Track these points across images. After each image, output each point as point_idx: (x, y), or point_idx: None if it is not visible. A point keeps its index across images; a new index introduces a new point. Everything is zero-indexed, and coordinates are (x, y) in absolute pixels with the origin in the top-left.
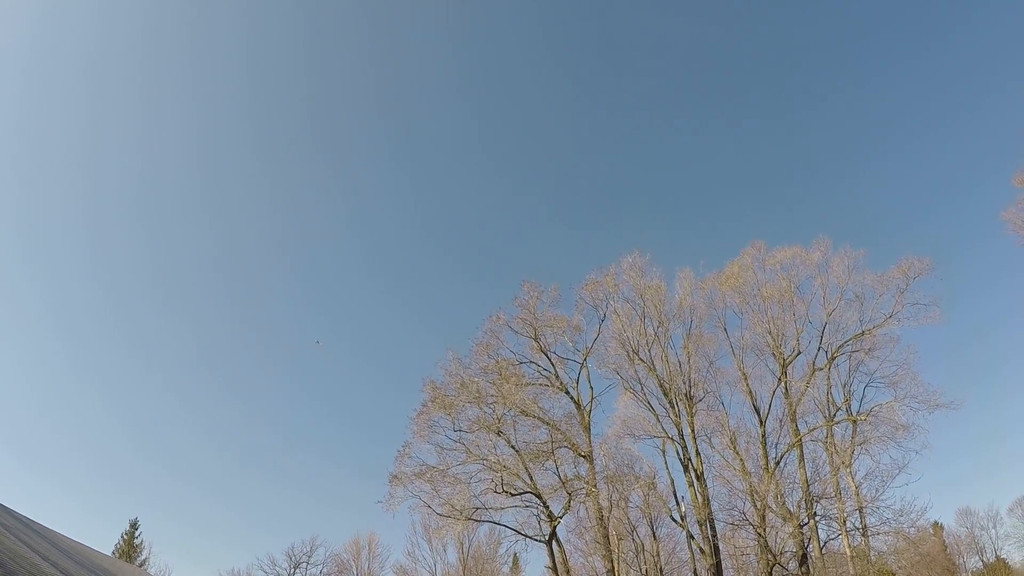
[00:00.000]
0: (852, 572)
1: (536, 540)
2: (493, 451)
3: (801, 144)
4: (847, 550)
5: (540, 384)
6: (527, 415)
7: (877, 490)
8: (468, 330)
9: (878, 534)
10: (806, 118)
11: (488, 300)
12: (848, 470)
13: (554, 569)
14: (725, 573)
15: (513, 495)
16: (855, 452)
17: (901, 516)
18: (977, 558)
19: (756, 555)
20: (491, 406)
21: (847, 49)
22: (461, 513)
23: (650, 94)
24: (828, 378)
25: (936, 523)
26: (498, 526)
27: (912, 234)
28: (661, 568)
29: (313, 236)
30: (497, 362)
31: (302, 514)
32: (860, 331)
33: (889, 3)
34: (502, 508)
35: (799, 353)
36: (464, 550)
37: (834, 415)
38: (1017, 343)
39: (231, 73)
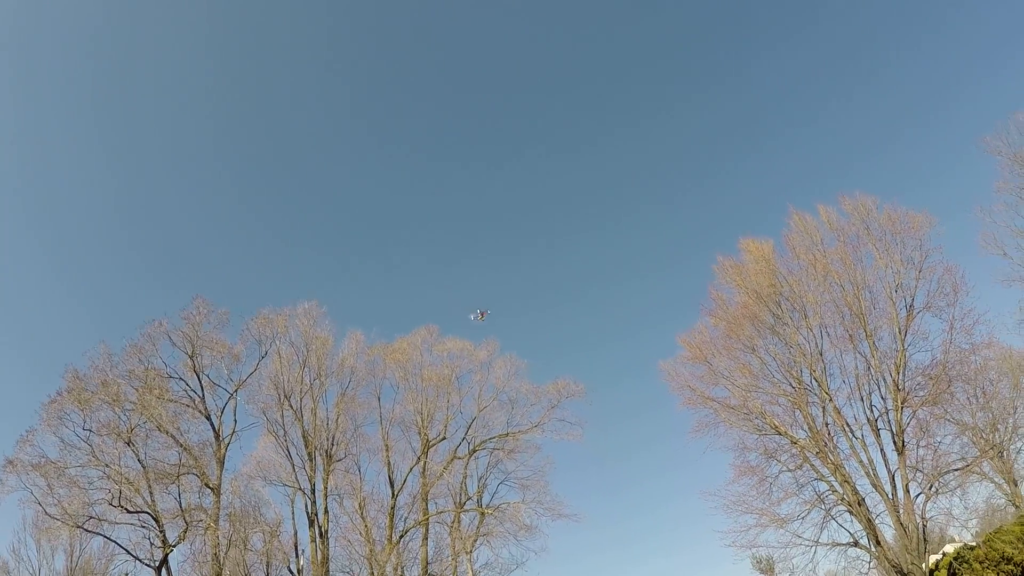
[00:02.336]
0: None
1: (146, 564)
2: (118, 461)
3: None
4: None
5: (184, 403)
6: (162, 431)
7: None
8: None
9: None
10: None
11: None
12: (468, 557)
13: None
14: None
15: (130, 512)
16: (478, 541)
17: None
18: None
19: None
20: (128, 413)
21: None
22: (71, 518)
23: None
24: (466, 468)
25: None
26: (110, 542)
27: (580, 360)
28: None
29: None
30: (146, 369)
31: None
32: (506, 432)
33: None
34: (117, 523)
35: (444, 438)
36: (73, 560)
37: (464, 503)
38: (647, 466)
39: None
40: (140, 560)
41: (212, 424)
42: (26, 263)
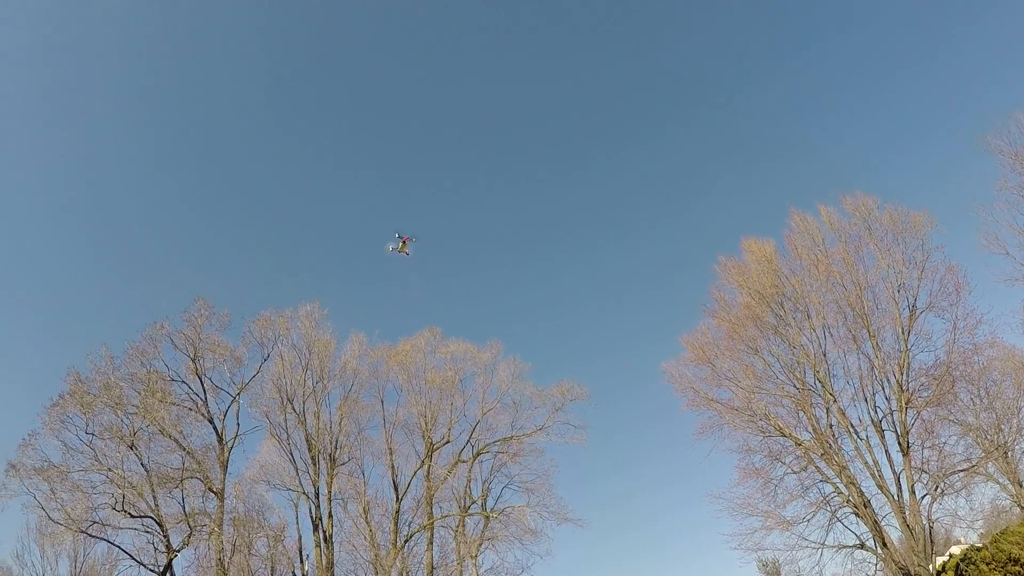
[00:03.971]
0: None
1: (151, 569)
2: (121, 465)
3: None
4: None
5: (186, 407)
6: (165, 435)
7: None
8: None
9: None
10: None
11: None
12: (474, 561)
13: None
14: None
15: (133, 516)
16: (483, 546)
17: None
18: None
19: None
20: (130, 416)
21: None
22: (75, 523)
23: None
24: (470, 472)
25: None
26: (114, 547)
27: (582, 365)
28: None
29: None
30: (149, 372)
31: None
32: (510, 435)
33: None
34: (120, 528)
35: (448, 442)
36: (77, 565)
37: (469, 507)
38: (653, 475)
39: None
40: (144, 565)
41: (215, 428)
42: (27, 264)
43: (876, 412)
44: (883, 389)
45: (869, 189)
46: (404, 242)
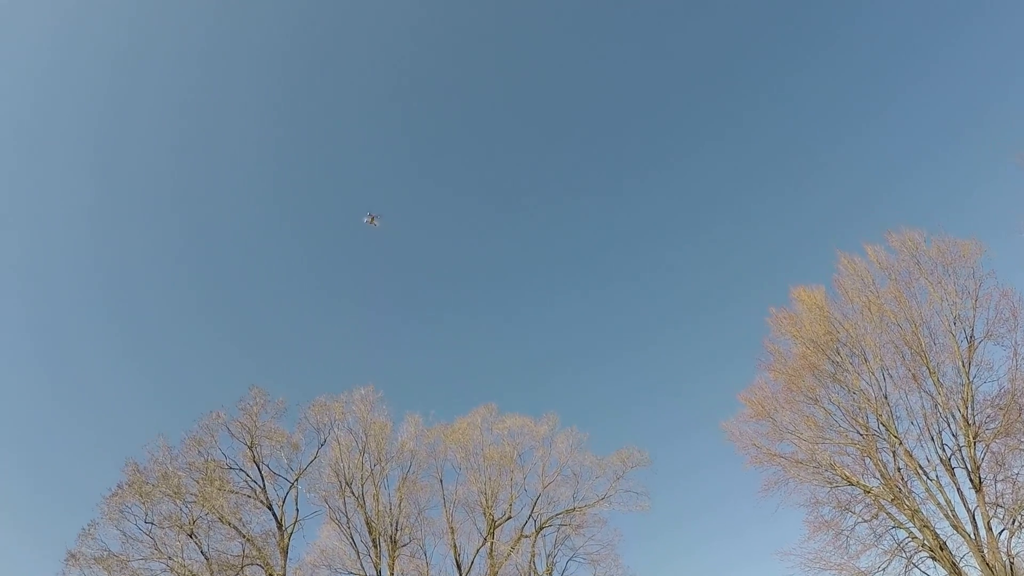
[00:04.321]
0: None
1: None
2: (181, 553)
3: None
4: None
5: (245, 494)
6: (224, 523)
7: None
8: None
9: None
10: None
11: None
12: None
13: None
14: None
15: None
16: None
17: None
18: None
19: None
20: (189, 505)
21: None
22: None
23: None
24: (533, 546)
25: None
26: None
27: (631, 423)
28: None
29: None
30: (206, 461)
31: None
32: (572, 507)
33: None
34: None
35: (509, 518)
36: None
37: None
38: (716, 528)
39: None
40: None
41: (274, 514)
42: (90, 356)
43: (944, 450)
44: (948, 426)
45: (911, 217)
46: (372, 218)
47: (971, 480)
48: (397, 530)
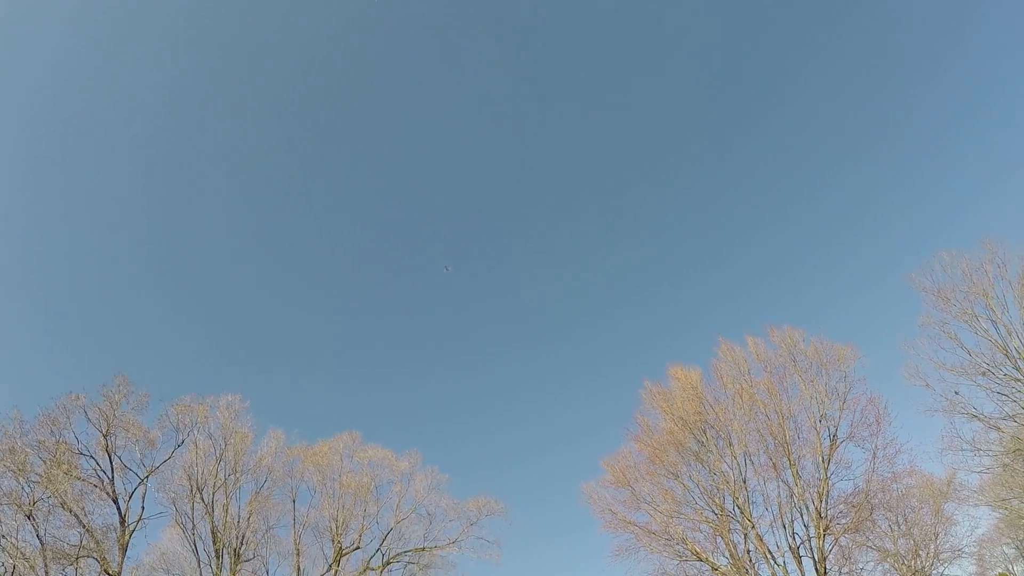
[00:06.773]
0: None
1: None
2: (16, 534)
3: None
4: None
5: (92, 483)
6: (66, 509)
7: None
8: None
9: None
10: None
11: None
12: None
13: None
14: None
15: None
16: None
17: None
18: None
19: None
20: (32, 485)
21: None
22: None
23: None
24: None
25: None
26: None
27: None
28: None
29: None
30: (57, 442)
31: None
32: (422, 546)
33: None
34: None
35: (358, 548)
36: None
37: None
38: None
39: None
40: None
41: (119, 508)
42: None
43: (794, 538)
44: (802, 516)
45: (797, 315)
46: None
47: (816, 569)
48: (242, 544)
